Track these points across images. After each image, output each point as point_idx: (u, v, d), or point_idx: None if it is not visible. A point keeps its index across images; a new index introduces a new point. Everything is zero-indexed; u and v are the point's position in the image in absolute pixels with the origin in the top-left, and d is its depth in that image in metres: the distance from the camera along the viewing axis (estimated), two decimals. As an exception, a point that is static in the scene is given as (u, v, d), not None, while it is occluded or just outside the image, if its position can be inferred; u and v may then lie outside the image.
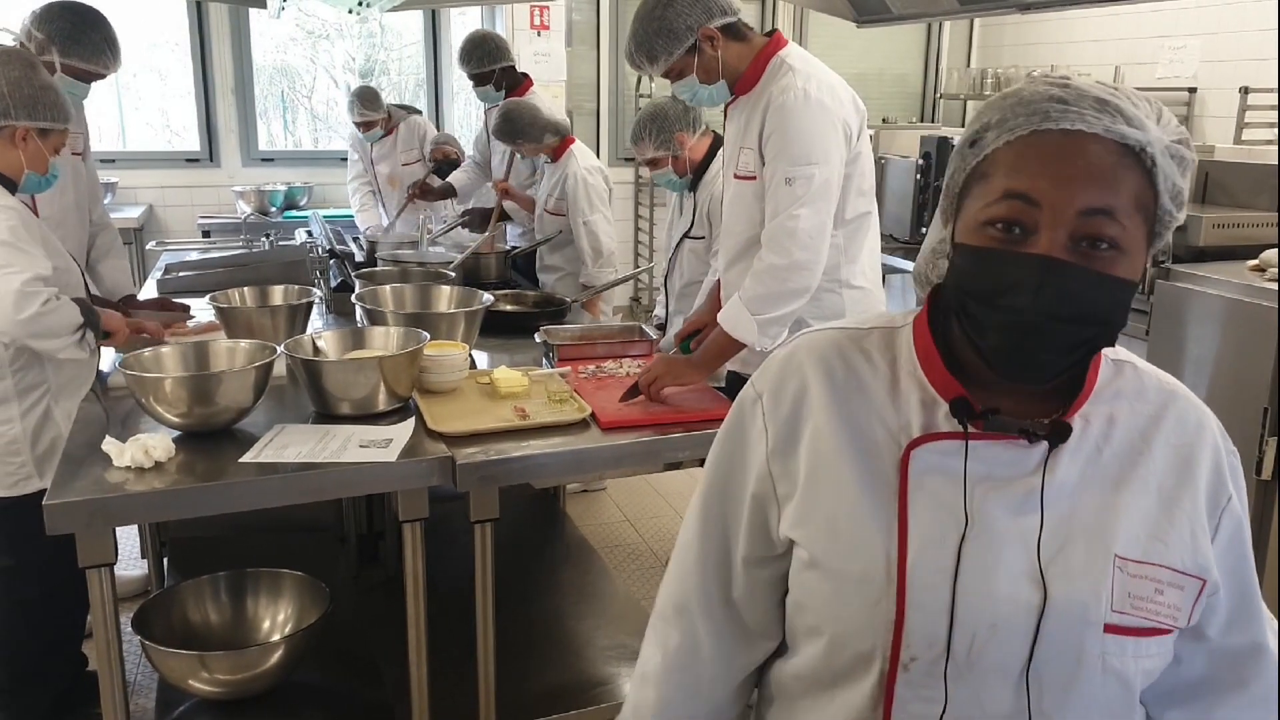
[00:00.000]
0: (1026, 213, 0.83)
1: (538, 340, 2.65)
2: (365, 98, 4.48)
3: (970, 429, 0.89)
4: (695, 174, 3.10)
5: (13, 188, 2.21)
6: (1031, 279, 0.82)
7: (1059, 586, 0.87)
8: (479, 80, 4.07)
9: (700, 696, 1.07)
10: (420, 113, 5.00)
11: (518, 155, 3.97)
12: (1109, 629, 0.87)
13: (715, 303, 2.48)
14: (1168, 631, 0.90)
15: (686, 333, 2.52)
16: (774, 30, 2.32)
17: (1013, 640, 0.87)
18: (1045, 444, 0.89)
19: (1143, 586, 0.88)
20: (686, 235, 3.16)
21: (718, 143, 3.02)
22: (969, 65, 6.75)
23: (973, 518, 0.88)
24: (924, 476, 0.90)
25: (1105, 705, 0.89)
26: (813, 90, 2.13)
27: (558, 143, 3.69)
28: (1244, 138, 4.72)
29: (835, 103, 2.15)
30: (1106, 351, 0.95)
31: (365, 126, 4.56)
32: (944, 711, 0.89)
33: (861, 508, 0.91)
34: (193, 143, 5.77)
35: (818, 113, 2.12)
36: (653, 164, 3.12)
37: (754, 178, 2.23)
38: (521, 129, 3.65)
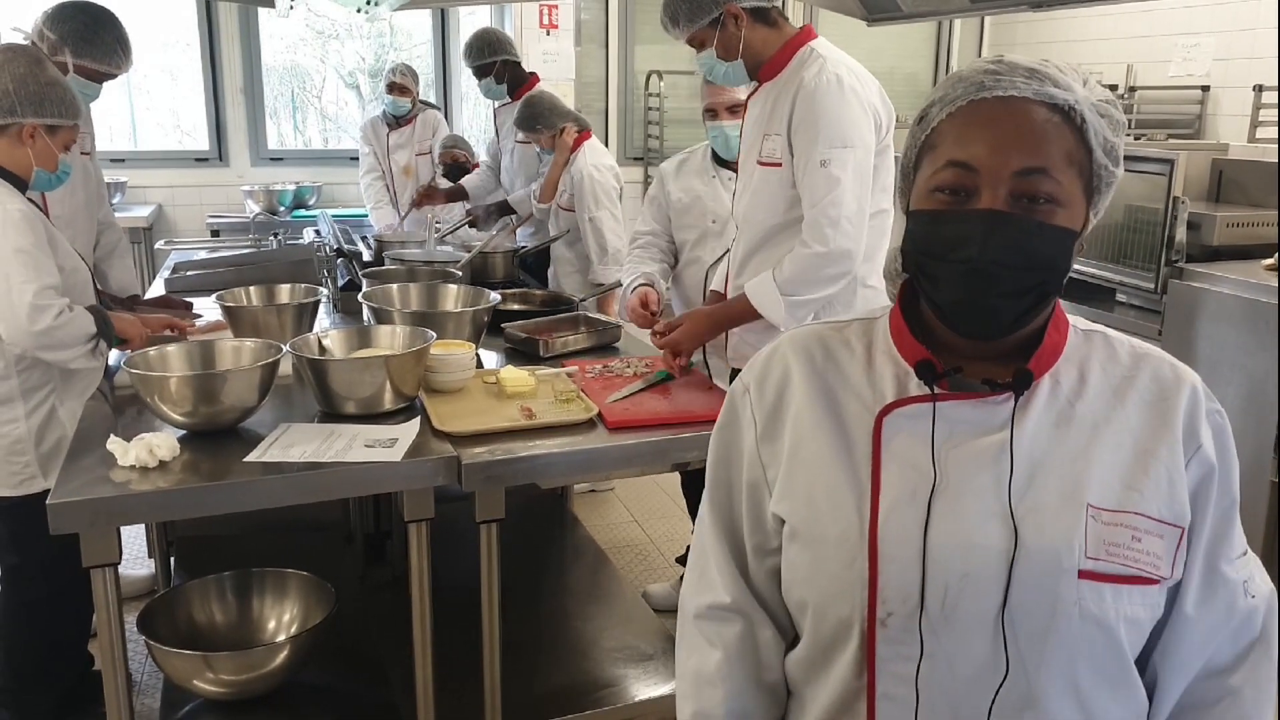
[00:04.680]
0: (968, 178, 0.91)
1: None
2: (409, 66, 4.75)
3: (937, 390, 0.94)
4: None
5: (23, 186, 2.20)
6: (978, 231, 0.89)
7: (1030, 533, 0.89)
8: (480, 72, 4.09)
9: (764, 684, 1.06)
10: (438, 108, 5.03)
11: (531, 151, 3.97)
12: (1084, 575, 0.89)
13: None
14: (1152, 581, 0.92)
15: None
16: (806, 25, 2.30)
17: (985, 588, 0.89)
18: (1012, 400, 0.93)
19: (1119, 534, 0.90)
20: None
21: None
22: (980, 64, 6.72)
23: (942, 473, 0.92)
24: (894, 439, 0.95)
25: (1090, 655, 0.90)
26: (844, 75, 2.12)
27: (576, 134, 3.68)
28: (1258, 136, 4.68)
29: (866, 91, 2.15)
30: (1075, 322, 1.00)
31: (400, 90, 4.64)
32: (919, 662, 0.91)
33: (838, 475, 0.96)
34: (202, 142, 5.78)
35: (850, 98, 2.11)
36: (736, 110, 2.61)
37: (779, 164, 2.21)
38: (540, 113, 3.67)
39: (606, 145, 6.08)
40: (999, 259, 0.89)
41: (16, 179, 2.18)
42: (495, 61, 4.04)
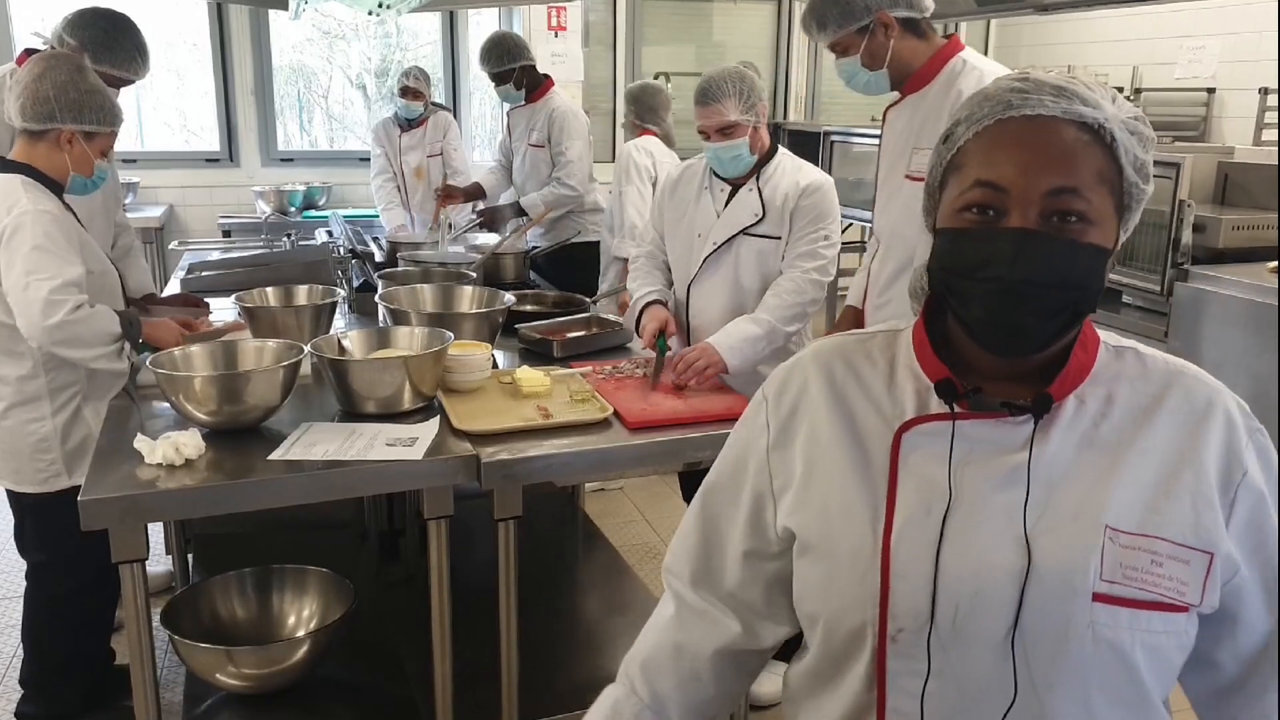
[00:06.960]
0: (997, 198, 0.89)
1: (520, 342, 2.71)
2: (422, 69, 4.75)
3: (957, 409, 0.94)
4: (761, 161, 2.61)
5: (58, 190, 2.24)
6: (1008, 250, 0.88)
7: (1044, 554, 0.88)
8: (499, 79, 4.13)
9: (682, 659, 1.12)
10: (449, 109, 5.08)
11: (543, 155, 4.03)
12: (1099, 598, 0.87)
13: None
14: (1177, 608, 0.89)
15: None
16: (953, 35, 2.23)
17: (996, 607, 0.88)
18: (1032, 422, 0.92)
19: (1137, 558, 0.88)
20: (747, 231, 2.59)
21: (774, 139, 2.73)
22: (985, 65, 6.74)
23: (957, 492, 0.92)
24: (912, 455, 0.95)
25: (1103, 680, 0.89)
26: None
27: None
28: (1263, 138, 4.70)
29: None
30: (1106, 339, 0.98)
31: (413, 95, 4.65)
32: (926, 680, 0.91)
33: (853, 491, 0.96)
34: (210, 142, 5.82)
35: None
36: (727, 132, 2.50)
37: None
38: (649, 100, 3.91)
39: (613, 145, 6.12)
40: (1030, 277, 0.87)
41: (52, 183, 2.22)
42: (515, 68, 4.08)
